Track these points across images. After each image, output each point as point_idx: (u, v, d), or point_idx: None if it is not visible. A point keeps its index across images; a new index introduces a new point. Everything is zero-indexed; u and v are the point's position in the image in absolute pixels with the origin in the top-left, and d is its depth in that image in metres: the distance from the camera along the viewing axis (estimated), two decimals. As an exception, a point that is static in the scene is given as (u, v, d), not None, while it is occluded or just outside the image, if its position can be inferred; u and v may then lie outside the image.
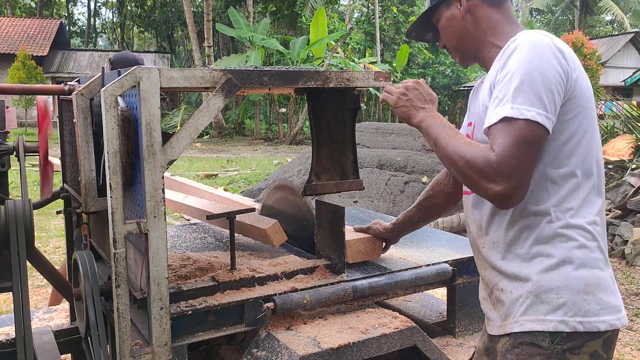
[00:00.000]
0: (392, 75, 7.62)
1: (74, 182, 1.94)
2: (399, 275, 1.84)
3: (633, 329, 4.03)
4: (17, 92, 2.14)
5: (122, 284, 1.39)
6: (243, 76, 1.49)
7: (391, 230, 1.92)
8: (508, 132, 1.19)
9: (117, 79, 1.34)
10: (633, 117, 8.63)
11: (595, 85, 19.19)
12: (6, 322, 2.25)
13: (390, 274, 1.84)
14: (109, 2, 44.26)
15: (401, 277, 1.84)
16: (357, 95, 1.87)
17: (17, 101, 20.57)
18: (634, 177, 6.52)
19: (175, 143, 1.41)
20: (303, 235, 2.05)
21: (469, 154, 1.24)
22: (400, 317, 1.70)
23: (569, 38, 20.81)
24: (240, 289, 1.66)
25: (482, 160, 1.20)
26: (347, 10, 31.29)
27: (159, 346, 1.43)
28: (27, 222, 1.70)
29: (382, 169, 7.46)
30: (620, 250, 5.58)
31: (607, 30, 42.11)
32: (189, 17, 23.23)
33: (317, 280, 1.77)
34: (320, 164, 1.88)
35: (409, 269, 1.89)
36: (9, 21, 28.65)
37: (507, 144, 1.18)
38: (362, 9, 38.62)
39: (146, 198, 1.37)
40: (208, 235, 2.34)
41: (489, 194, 1.22)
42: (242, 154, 17.09)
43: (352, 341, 1.53)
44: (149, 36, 45.33)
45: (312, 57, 21.05)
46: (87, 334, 1.63)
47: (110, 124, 1.35)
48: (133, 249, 1.56)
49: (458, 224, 6.50)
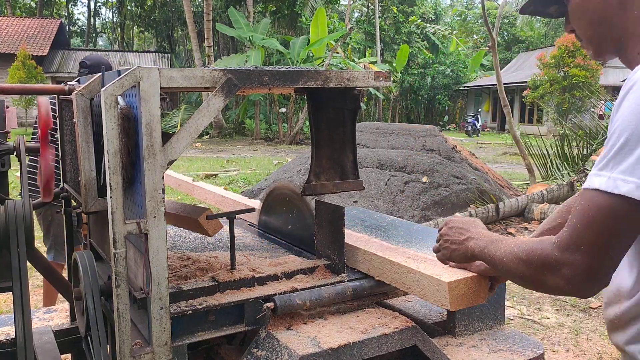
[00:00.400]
0: (392, 75, 7.57)
1: (74, 182, 1.94)
2: (399, 275, 1.84)
3: (633, 329, 4.03)
4: (17, 92, 2.14)
5: (122, 284, 1.39)
6: (243, 76, 1.49)
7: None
8: (589, 209, 0.96)
9: (117, 79, 1.34)
10: (633, 117, 8.61)
11: (595, 85, 19.22)
12: (6, 322, 2.25)
13: (390, 274, 1.84)
14: (109, 2, 44.27)
15: (401, 277, 1.84)
16: (357, 95, 1.86)
17: (17, 101, 20.58)
18: (634, 177, 6.51)
19: (175, 143, 1.41)
20: (303, 235, 2.05)
21: (523, 252, 1.06)
22: (400, 317, 1.70)
23: (569, 38, 20.81)
24: (240, 289, 1.67)
25: (540, 251, 1.02)
26: (347, 10, 31.30)
27: (159, 346, 1.43)
28: (27, 222, 1.70)
29: (382, 169, 7.46)
30: (620, 250, 5.57)
31: (607, 30, 42.01)
32: (189, 17, 23.24)
33: (317, 280, 1.77)
34: (320, 164, 1.88)
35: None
36: (9, 21, 28.65)
37: (582, 225, 0.97)
38: (362, 8, 38.62)
39: (146, 198, 1.37)
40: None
41: (561, 289, 1.01)
42: (242, 154, 17.09)
43: (352, 341, 1.53)
44: (149, 36, 45.35)
45: (312, 57, 21.06)
46: (87, 334, 1.63)
47: (110, 124, 1.35)
48: (133, 249, 1.56)
49: (458, 224, 6.49)
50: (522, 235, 6.67)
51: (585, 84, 19.10)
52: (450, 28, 37.98)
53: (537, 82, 21.40)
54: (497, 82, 9.68)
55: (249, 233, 2.39)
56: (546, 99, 21.14)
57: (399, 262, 1.68)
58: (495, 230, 6.88)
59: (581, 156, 9.00)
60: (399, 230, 2.43)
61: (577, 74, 19.75)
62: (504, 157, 16.88)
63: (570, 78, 19.92)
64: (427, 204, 6.93)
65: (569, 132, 10.35)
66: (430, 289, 1.55)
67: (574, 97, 20.05)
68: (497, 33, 9.86)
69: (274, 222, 2.30)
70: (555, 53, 20.67)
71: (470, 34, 42.44)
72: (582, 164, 8.80)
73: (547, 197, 7.41)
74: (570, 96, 20.13)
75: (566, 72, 20.18)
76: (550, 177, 9.15)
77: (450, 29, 37.48)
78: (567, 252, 0.98)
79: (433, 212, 6.90)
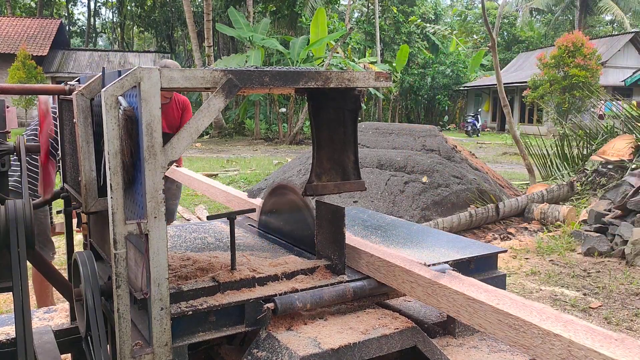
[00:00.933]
0: (392, 75, 7.60)
1: (74, 182, 1.94)
2: (399, 276, 1.84)
3: (633, 329, 4.03)
4: (17, 92, 2.14)
5: (122, 285, 1.39)
6: (244, 76, 1.49)
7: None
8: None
9: (118, 79, 1.34)
10: (633, 117, 8.63)
11: (595, 85, 19.22)
12: (6, 322, 2.25)
13: (391, 274, 1.84)
14: (109, 2, 44.25)
15: (401, 277, 1.83)
16: (357, 96, 1.86)
17: (17, 101, 20.58)
18: (634, 177, 6.52)
19: (175, 143, 1.41)
20: (303, 236, 2.05)
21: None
22: (400, 318, 1.70)
23: (569, 38, 20.82)
24: (241, 290, 1.67)
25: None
26: (347, 10, 31.29)
27: (159, 346, 1.43)
28: (27, 222, 1.70)
29: (382, 169, 7.46)
30: (620, 250, 5.58)
31: (607, 30, 42.10)
32: (189, 17, 23.23)
33: (318, 280, 1.77)
34: (321, 165, 1.88)
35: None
36: (9, 21, 28.65)
37: None
38: (362, 9, 38.62)
39: (147, 199, 1.37)
40: (208, 235, 2.34)
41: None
42: (242, 154, 17.09)
43: (352, 342, 1.53)
44: (149, 36, 45.33)
45: (312, 57, 21.06)
46: (87, 334, 1.63)
47: (111, 124, 1.35)
48: (133, 249, 1.56)
49: (458, 224, 6.50)
50: (521, 235, 6.67)
51: (585, 84, 19.11)
52: (450, 28, 37.98)
53: (537, 82, 21.39)
54: (497, 82, 9.68)
55: (249, 233, 2.39)
56: (546, 99, 21.14)
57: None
58: (495, 230, 6.88)
59: (581, 156, 9.00)
60: (399, 230, 2.43)
61: (577, 74, 19.75)
62: (504, 157, 16.88)
63: (570, 78, 19.92)
64: (427, 204, 6.93)
65: (569, 132, 10.36)
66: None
67: (574, 97, 20.05)
68: (497, 33, 9.86)
69: (274, 222, 2.30)
70: (555, 53, 20.67)
71: (470, 34, 42.43)
72: (582, 164, 8.80)
73: (547, 197, 7.40)
74: (570, 96, 20.13)
75: (566, 72, 20.18)
76: (550, 177, 9.15)
77: (450, 29, 37.48)
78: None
79: (433, 212, 6.90)
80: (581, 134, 9.52)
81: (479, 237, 6.55)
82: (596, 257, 5.66)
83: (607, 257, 5.63)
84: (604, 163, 7.84)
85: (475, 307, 1.42)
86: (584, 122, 11.14)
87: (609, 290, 4.78)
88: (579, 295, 4.69)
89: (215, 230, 2.43)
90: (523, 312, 1.31)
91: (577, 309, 4.42)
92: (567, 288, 4.90)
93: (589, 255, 5.72)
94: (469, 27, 43.27)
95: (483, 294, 1.45)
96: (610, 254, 5.64)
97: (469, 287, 1.49)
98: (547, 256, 5.82)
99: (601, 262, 5.51)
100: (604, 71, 21.76)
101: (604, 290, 4.79)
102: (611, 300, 4.59)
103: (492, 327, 1.37)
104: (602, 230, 6.06)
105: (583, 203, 7.46)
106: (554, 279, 5.13)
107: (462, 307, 1.46)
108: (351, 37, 26.94)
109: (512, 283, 4.99)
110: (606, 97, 15.06)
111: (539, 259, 5.74)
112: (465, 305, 1.45)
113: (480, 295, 1.42)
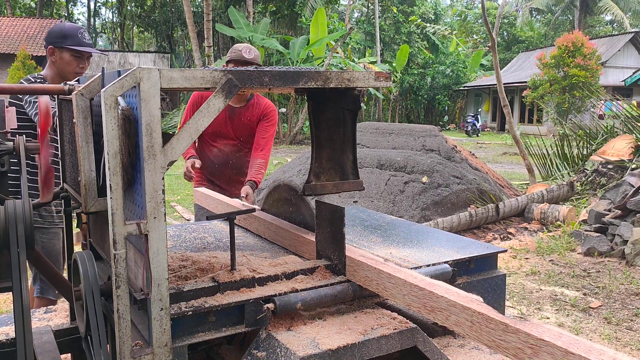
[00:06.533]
0: (392, 75, 7.61)
1: (73, 182, 1.94)
2: (399, 276, 1.84)
3: (633, 329, 4.03)
4: (17, 92, 2.14)
5: (122, 285, 1.39)
6: (244, 76, 1.49)
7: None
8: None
9: (118, 80, 1.34)
10: (633, 117, 8.63)
11: (595, 85, 19.23)
12: (6, 322, 2.24)
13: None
14: (109, 2, 44.25)
15: (401, 277, 1.83)
16: (357, 96, 1.86)
17: (17, 101, 20.53)
18: (634, 177, 6.53)
19: (175, 144, 1.41)
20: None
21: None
22: (400, 318, 1.69)
23: (569, 38, 20.83)
24: (241, 290, 1.66)
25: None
26: (347, 10, 31.30)
27: (159, 347, 1.43)
28: (27, 222, 1.70)
29: (382, 169, 7.46)
30: (620, 250, 5.58)
31: (607, 30, 42.11)
32: (188, 17, 23.20)
33: (317, 280, 1.77)
34: (320, 164, 1.88)
35: (409, 269, 1.88)
36: (9, 21, 28.63)
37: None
38: (362, 9, 38.63)
39: (146, 199, 1.37)
40: (208, 235, 2.34)
41: None
42: (242, 153, 17.05)
43: (352, 342, 1.53)
44: (148, 36, 45.33)
45: (312, 57, 21.06)
46: (87, 334, 1.63)
47: (111, 124, 1.35)
48: (133, 249, 1.56)
49: (458, 224, 6.50)
50: (521, 235, 6.67)
51: (585, 84, 19.12)
52: (450, 28, 37.96)
53: (537, 82, 21.40)
54: (497, 82, 9.68)
55: (249, 233, 2.39)
56: (546, 99, 21.15)
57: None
58: (495, 230, 6.88)
59: (581, 156, 9.01)
60: (398, 230, 2.43)
61: (577, 74, 19.76)
62: (504, 157, 16.88)
63: (570, 78, 19.93)
64: (427, 204, 6.93)
65: (569, 132, 10.36)
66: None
67: (574, 97, 20.06)
68: (497, 33, 9.86)
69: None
70: (555, 53, 20.68)
71: (470, 34, 42.43)
72: (582, 164, 8.81)
73: (547, 197, 7.40)
74: (570, 96, 20.13)
75: (566, 72, 20.19)
76: (550, 177, 9.15)
77: (450, 29, 37.46)
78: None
79: (433, 212, 6.90)
80: (581, 134, 9.52)
81: (479, 237, 6.55)
82: (596, 257, 5.66)
83: (607, 257, 5.63)
84: (604, 163, 7.84)
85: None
86: (584, 122, 11.15)
87: (609, 290, 4.78)
88: (579, 295, 4.69)
89: (215, 230, 2.43)
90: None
91: (577, 309, 4.42)
92: (567, 288, 4.90)
93: (589, 255, 5.72)
94: (469, 27, 43.28)
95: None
96: (610, 254, 5.64)
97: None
98: (547, 256, 5.82)
99: (601, 262, 5.51)
100: (603, 71, 21.77)
101: (604, 290, 4.79)
102: (611, 300, 4.59)
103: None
104: (602, 230, 6.07)
105: (583, 203, 7.47)
106: (554, 278, 5.13)
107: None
108: (351, 37, 26.94)
109: (512, 283, 4.99)
110: (606, 97, 15.06)
111: (539, 259, 5.74)
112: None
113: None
